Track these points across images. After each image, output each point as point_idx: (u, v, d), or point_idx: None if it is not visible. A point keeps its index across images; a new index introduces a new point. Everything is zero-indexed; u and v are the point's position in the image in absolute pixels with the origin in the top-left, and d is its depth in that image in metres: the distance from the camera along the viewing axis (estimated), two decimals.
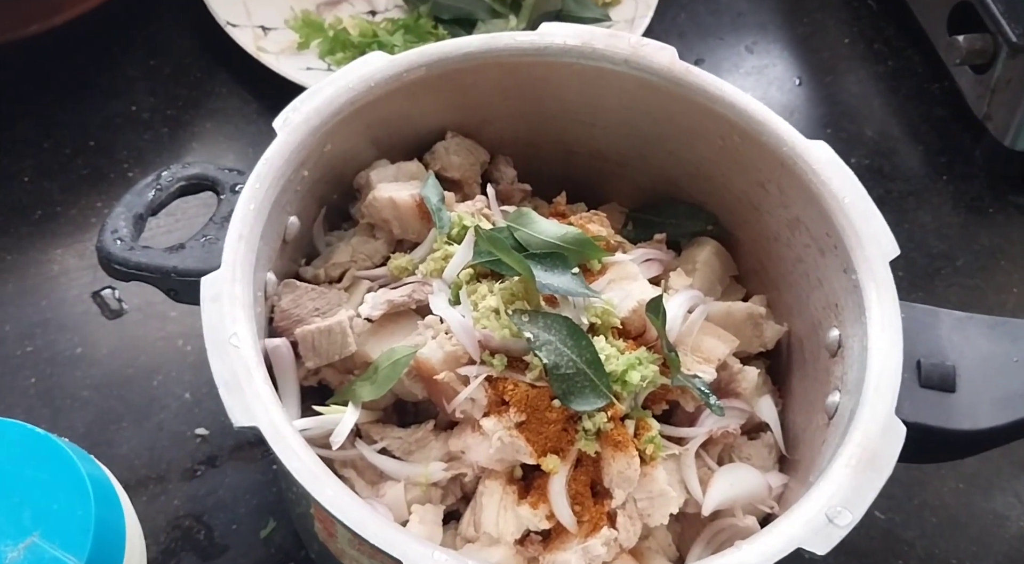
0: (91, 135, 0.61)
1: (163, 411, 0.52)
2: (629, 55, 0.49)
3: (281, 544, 0.48)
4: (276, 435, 0.36)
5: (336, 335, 0.44)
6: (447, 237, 0.47)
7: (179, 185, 0.46)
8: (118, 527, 0.30)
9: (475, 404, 0.42)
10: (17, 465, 0.29)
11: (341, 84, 0.46)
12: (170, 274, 0.42)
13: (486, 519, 0.41)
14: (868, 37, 0.75)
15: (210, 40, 0.66)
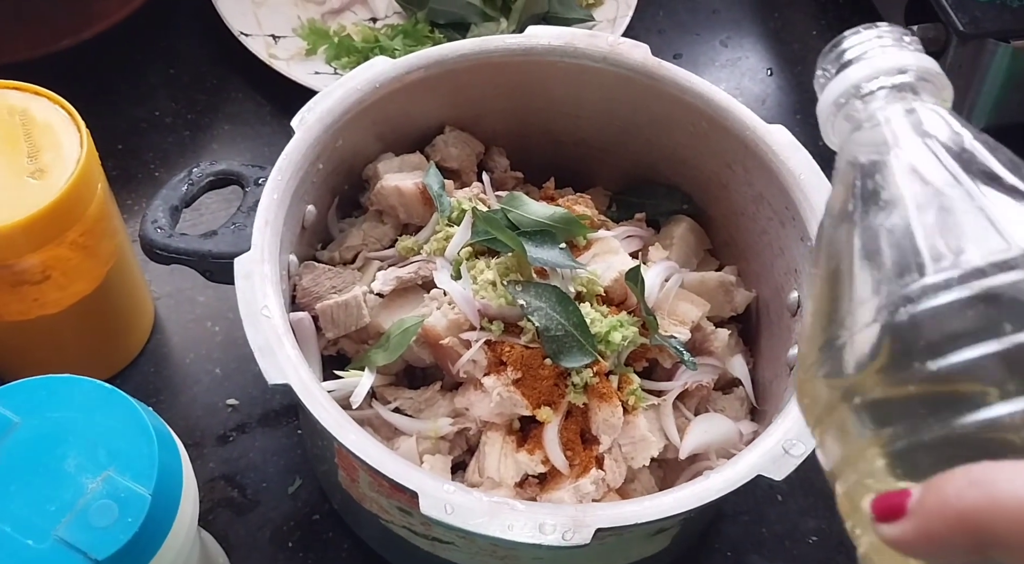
0: (119, 139, 0.67)
1: (196, 385, 0.57)
2: (607, 53, 0.54)
3: (307, 498, 0.54)
4: (305, 390, 0.41)
5: (352, 308, 0.49)
6: (448, 220, 0.52)
7: (208, 180, 0.51)
8: (176, 467, 0.35)
9: (476, 365, 0.47)
10: (90, 413, 0.35)
11: (350, 86, 0.52)
12: (206, 257, 0.47)
13: (489, 465, 0.47)
14: (835, 29, 0.80)
15: (225, 49, 0.71)
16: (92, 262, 0.51)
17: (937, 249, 0.24)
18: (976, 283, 0.22)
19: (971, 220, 0.24)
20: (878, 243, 0.25)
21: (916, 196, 0.25)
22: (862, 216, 0.26)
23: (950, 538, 0.20)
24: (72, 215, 0.47)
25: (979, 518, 0.20)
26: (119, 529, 0.32)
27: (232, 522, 0.53)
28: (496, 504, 0.39)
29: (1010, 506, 0.19)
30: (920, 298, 0.23)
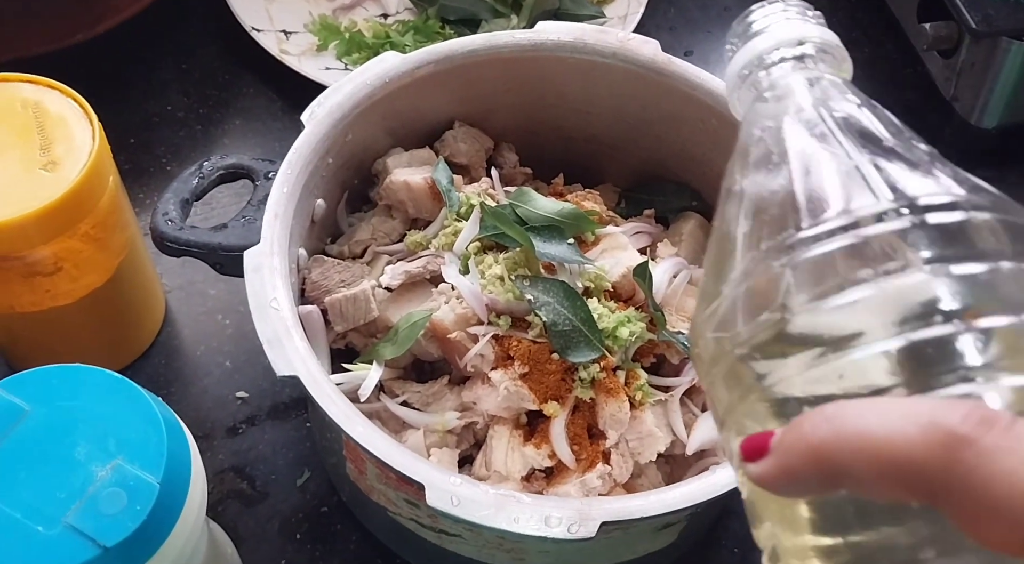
0: (131, 134, 0.67)
1: (207, 377, 0.58)
2: (617, 49, 0.55)
3: (315, 491, 0.54)
4: (313, 382, 0.42)
5: (360, 302, 0.50)
6: (456, 215, 0.52)
7: (219, 173, 0.52)
8: (185, 457, 0.36)
9: (484, 359, 0.47)
10: (100, 403, 0.35)
11: (359, 81, 0.52)
12: (216, 250, 0.48)
13: (496, 459, 0.47)
14: (846, 26, 0.80)
15: (236, 45, 0.72)
16: (104, 254, 0.51)
17: (813, 205, 0.25)
18: (848, 234, 0.24)
19: (847, 179, 0.25)
20: (761, 203, 0.26)
21: (800, 158, 0.26)
22: (752, 180, 0.27)
23: (804, 472, 0.21)
24: (84, 207, 0.47)
25: (827, 451, 0.20)
26: (128, 516, 0.33)
27: (241, 514, 0.53)
28: (502, 497, 0.39)
29: (854, 439, 0.20)
30: (795, 250, 0.24)
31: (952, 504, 0.19)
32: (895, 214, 0.24)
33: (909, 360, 0.22)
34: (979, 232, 0.24)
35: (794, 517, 0.23)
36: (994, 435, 0.19)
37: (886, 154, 0.26)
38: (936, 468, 0.19)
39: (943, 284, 0.23)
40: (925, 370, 0.22)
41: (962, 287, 0.23)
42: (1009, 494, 0.19)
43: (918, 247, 0.23)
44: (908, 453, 0.20)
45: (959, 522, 0.20)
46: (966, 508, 0.19)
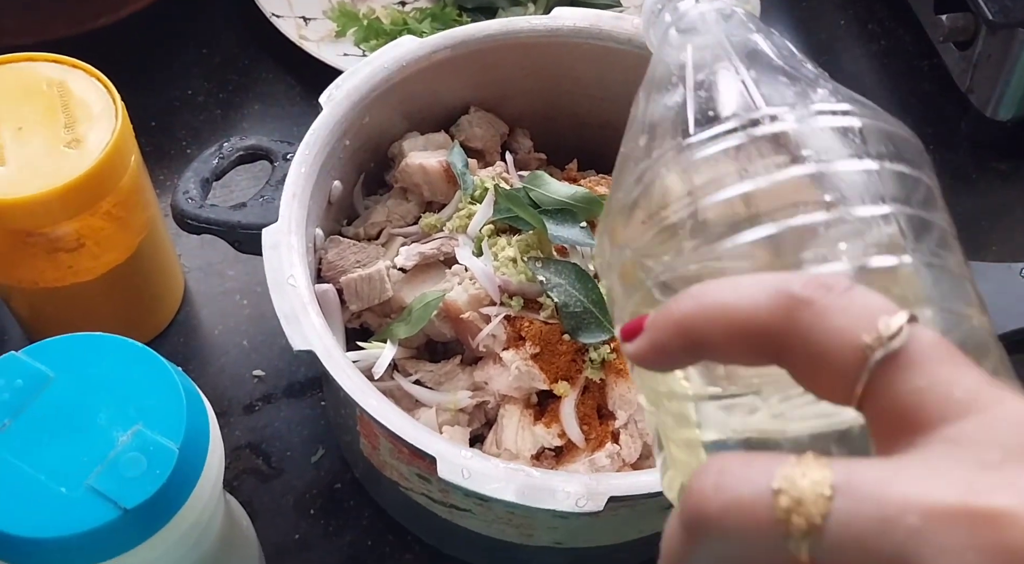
0: (152, 117, 0.68)
1: (224, 356, 0.59)
2: (633, 35, 0.55)
3: (329, 467, 0.55)
4: (329, 357, 0.42)
5: (375, 281, 0.50)
6: (471, 198, 0.53)
7: (238, 154, 0.53)
8: (204, 424, 0.37)
9: (496, 340, 0.48)
10: (121, 370, 0.36)
11: (377, 64, 0.53)
12: (235, 228, 0.49)
13: (506, 438, 0.48)
14: (862, 19, 0.80)
15: (256, 30, 0.73)
16: (125, 232, 0.52)
17: (701, 116, 0.27)
18: (731, 136, 0.26)
19: (736, 92, 0.28)
20: (657, 119, 0.29)
21: (694, 77, 0.29)
22: (652, 103, 0.30)
23: (670, 345, 0.23)
24: (106, 185, 0.48)
25: (689, 323, 0.22)
26: (148, 480, 0.33)
27: (256, 489, 0.54)
28: (512, 470, 0.40)
29: (711, 309, 0.22)
30: (682, 153, 0.27)
31: (792, 361, 0.21)
32: (771, 120, 0.26)
33: (780, 244, 0.24)
34: (848, 135, 0.26)
35: (679, 411, 0.25)
36: (831, 297, 0.21)
37: (774, 72, 0.28)
38: (778, 328, 0.21)
39: (813, 178, 0.25)
40: (793, 253, 0.24)
41: (829, 182, 0.25)
42: (839, 348, 0.20)
43: (792, 148, 0.25)
44: (755, 316, 0.21)
45: (798, 377, 0.21)
46: (802, 363, 0.21)
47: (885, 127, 0.27)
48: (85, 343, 0.37)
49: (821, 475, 0.19)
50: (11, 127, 0.48)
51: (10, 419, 0.34)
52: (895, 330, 0.20)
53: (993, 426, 0.19)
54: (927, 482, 0.18)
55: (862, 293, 0.21)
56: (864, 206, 0.25)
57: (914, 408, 0.20)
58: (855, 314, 0.20)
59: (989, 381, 0.20)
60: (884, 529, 0.18)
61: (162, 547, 0.35)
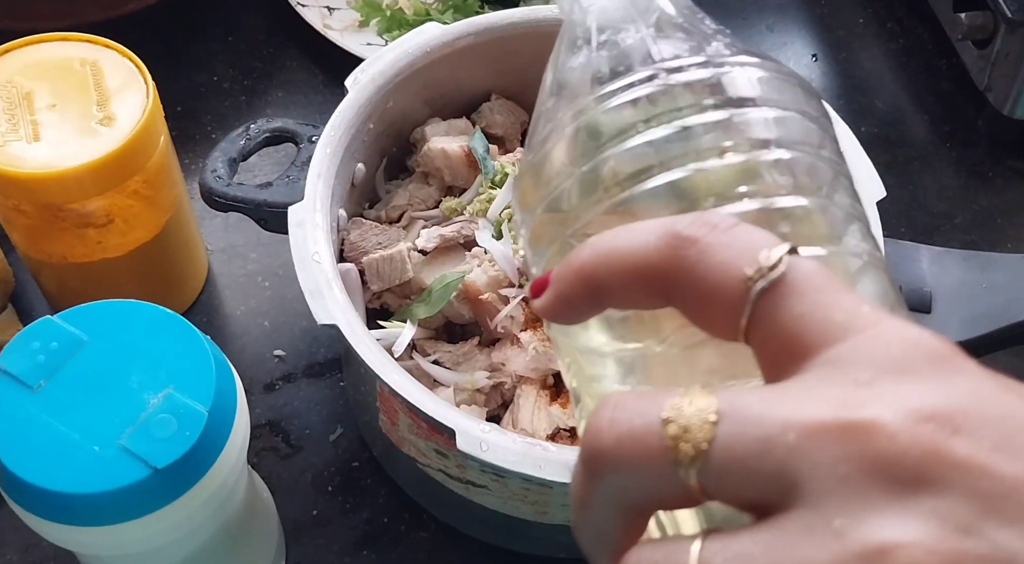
0: (179, 102, 0.69)
1: (246, 336, 0.60)
2: None
3: (347, 446, 0.56)
4: (352, 332, 0.43)
5: (396, 262, 0.51)
6: (491, 183, 0.54)
7: (265, 136, 0.54)
8: (231, 390, 0.37)
9: (514, 321, 0.49)
10: (153, 336, 0.37)
11: (401, 50, 0.54)
12: (262, 206, 0.50)
13: (522, 417, 0.48)
14: (881, 17, 0.81)
15: (281, 19, 0.74)
16: (153, 211, 0.53)
17: (605, 72, 0.28)
18: (631, 89, 0.27)
19: (636, 49, 0.29)
20: (565, 80, 0.30)
21: (599, 38, 0.30)
22: (561, 63, 0.31)
23: (573, 295, 0.23)
24: (136, 162, 0.50)
25: (588, 271, 0.23)
26: (178, 441, 0.34)
27: (276, 466, 0.55)
28: (529, 445, 0.41)
29: (606, 256, 0.22)
30: (588, 109, 0.28)
31: (681, 299, 0.22)
32: (667, 72, 0.27)
33: (683, 190, 0.25)
34: (741, 83, 0.27)
35: (590, 365, 0.26)
36: (715, 234, 0.21)
37: (674, 29, 0.29)
38: (665, 267, 0.21)
39: (710, 126, 0.26)
40: (695, 198, 0.25)
41: (725, 129, 0.26)
42: (723, 282, 0.21)
43: (690, 97, 0.26)
44: (644, 258, 0.22)
45: (689, 316, 0.22)
46: (691, 300, 0.21)
47: (778, 77, 0.28)
48: (118, 309, 0.38)
49: (706, 403, 0.19)
50: (45, 104, 0.49)
51: (45, 380, 0.35)
52: (775, 261, 0.20)
53: (868, 346, 0.20)
54: (805, 402, 0.19)
55: (745, 229, 0.21)
56: (759, 151, 0.26)
57: (796, 335, 0.20)
58: (738, 249, 0.21)
59: (868, 303, 0.20)
60: (765, 449, 0.19)
61: (189, 508, 0.36)
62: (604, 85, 0.28)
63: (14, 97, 0.49)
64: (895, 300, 0.25)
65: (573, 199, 0.27)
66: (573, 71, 0.30)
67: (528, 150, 0.30)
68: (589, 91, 0.28)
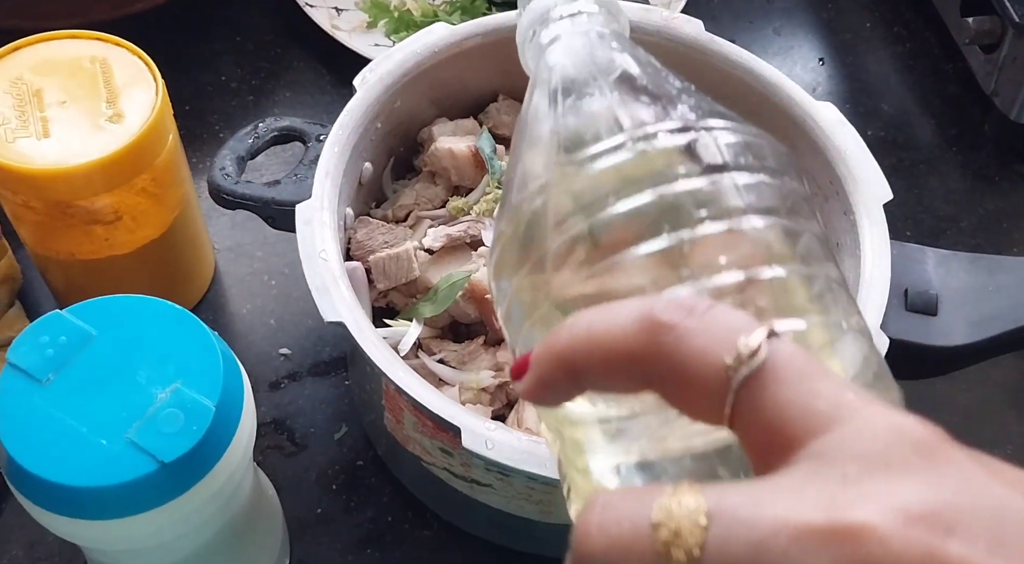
0: (186, 101, 0.70)
1: (252, 333, 0.60)
2: (661, 26, 0.56)
3: (352, 445, 0.56)
4: (358, 329, 0.43)
5: (403, 261, 0.51)
6: (497, 183, 0.54)
7: (273, 134, 0.54)
8: (238, 386, 0.38)
9: None
10: (161, 331, 0.37)
11: (409, 50, 0.54)
12: (269, 203, 0.50)
13: (527, 417, 0.48)
14: (888, 21, 0.81)
15: (289, 19, 0.74)
16: (160, 209, 0.53)
17: (573, 137, 0.29)
18: (602, 158, 0.27)
19: (604, 115, 0.29)
20: (533, 144, 0.30)
21: (566, 102, 0.30)
22: (529, 128, 0.31)
23: (554, 379, 0.23)
24: (145, 160, 0.50)
25: (567, 356, 0.22)
26: (185, 436, 0.34)
27: (281, 464, 0.55)
28: (535, 442, 0.41)
29: (584, 340, 0.22)
30: (563, 176, 0.28)
31: (662, 386, 0.21)
32: (637, 140, 0.27)
33: (664, 259, 0.25)
34: (711, 149, 0.27)
35: (575, 438, 0.26)
36: (691, 320, 0.21)
37: (637, 92, 0.30)
38: (644, 354, 0.21)
39: (685, 195, 0.26)
40: (670, 268, 0.25)
41: (700, 197, 0.26)
42: (704, 370, 0.21)
43: (659, 168, 0.26)
44: (623, 344, 0.21)
45: (671, 401, 0.22)
46: (672, 387, 0.21)
47: (746, 138, 0.28)
48: (127, 304, 0.38)
49: (696, 503, 0.19)
50: (55, 101, 0.49)
51: (54, 373, 0.36)
52: (754, 348, 0.20)
53: (853, 437, 0.19)
54: (794, 501, 0.19)
55: (722, 312, 0.21)
56: (735, 218, 0.25)
57: (780, 424, 0.20)
58: (716, 335, 0.21)
59: (852, 389, 0.20)
60: (757, 553, 0.18)
61: (196, 503, 0.36)
62: (574, 152, 0.28)
63: (24, 94, 0.49)
64: (877, 367, 0.25)
65: (546, 267, 0.27)
66: (542, 134, 0.30)
67: (499, 219, 0.29)
68: (561, 157, 0.28)
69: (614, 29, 0.33)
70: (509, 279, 0.28)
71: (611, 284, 0.25)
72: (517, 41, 0.35)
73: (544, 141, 0.30)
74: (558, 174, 0.28)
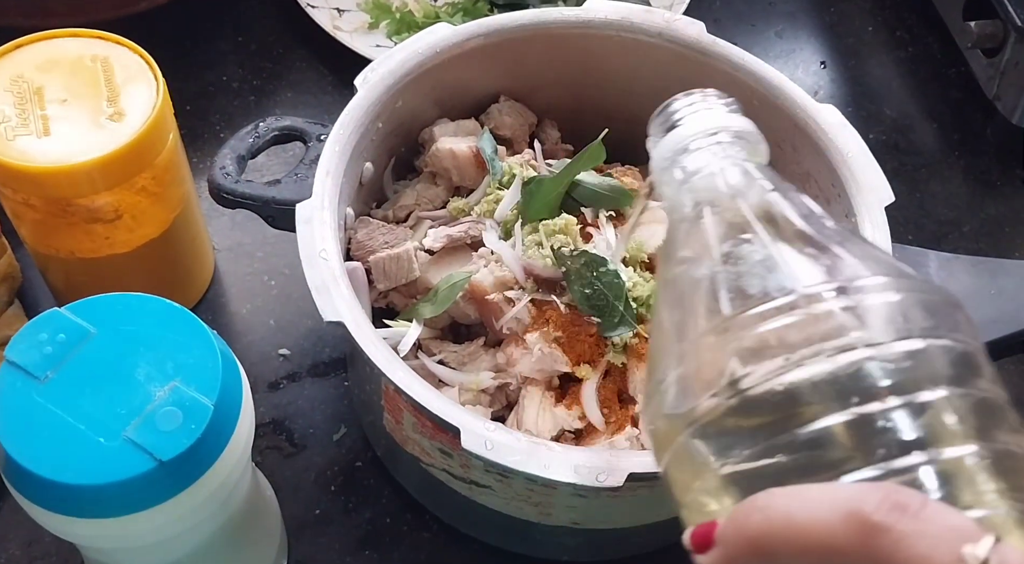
0: (188, 101, 0.70)
1: (251, 334, 0.60)
2: (663, 28, 0.56)
3: (351, 446, 0.56)
4: (358, 329, 0.43)
5: (403, 261, 0.51)
6: (499, 183, 0.54)
7: (273, 134, 0.54)
8: (237, 385, 0.37)
9: (520, 322, 0.49)
10: (160, 329, 0.37)
11: (411, 49, 0.54)
12: (270, 202, 0.50)
13: (527, 418, 0.48)
14: (891, 25, 0.81)
15: (291, 20, 0.74)
16: (160, 207, 0.53)
17: (735, 292, 0.27)
18: (774, 319, 0.26)
19: (765, 267, 0.27)
20: (686, 289, 0.28)
21: (722, 248, 0.29)
22: (679, 270, 0.29)
23: (750, 558, 0.22)
24: (145, 158, 0.50)
25: (761, 542, 0.22)
26: (183, 434, 0.34)
27: (279, 464, 0.55)
28: (534, 444, 0.40)
29: (782, 529, 0.22)
30: (729, 333, 0.26)
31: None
32: (809, 300, 0.26)
33: (849, 434, 0.24)
34: (891, 312, 0.26)
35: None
36: (906, 521, 0.21)
37: (798, 240, 0.28)
38: (855, 554, 0.21)
39: (877, 363, 0.24)
40: (865, 445, 0.24)
41: (893, 365, 0.24)
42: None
43: (836, 330, 0.25)
44: (830, 542, 0.21)
45: None
46: None
47: (924, 297, 0.27)
48: (126, 302, 0.38)
49: None
50: (56, 99, 0.49)
51: (52, 371, 0.35)
52: (982, 559, 0.20)
53: None
54: None
55: (939, 514, 0.21)
56: (921, 391, 0.24)
57: None
58: (936, 540, 0.20)
59: None
60: None
61: (193, 502, 0.36)
62: (736, 308, 0.26)
63: (25, 92, 0.49)
64: None
65: (724, 425, 0.25)
66: (695, 285, 0.28)
67: (659, 363, 0.28)
68: (717, 313, 0.27)
69: (758, 162, 0.32)
70: (668, 435, 0.27)
71: (792, 459, 0.24)
72: (653, 172, 0.33)
73: (694, 290, 0.28)
74: (717, 333, 0.26)
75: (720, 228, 0.29)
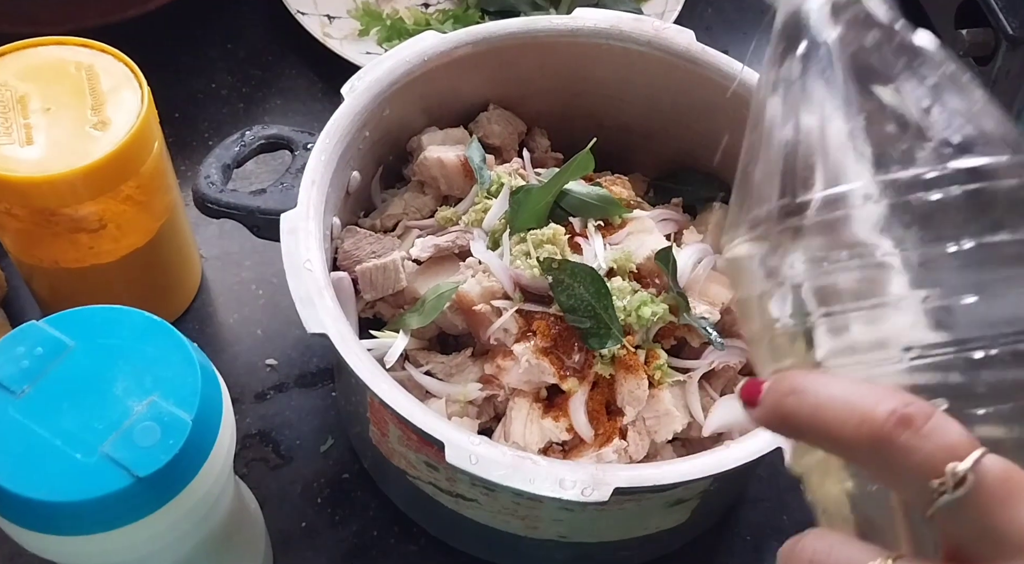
0: (176, 108, 0.69)
1: (239, 344, 0.59)
2: (652, 37, 0.56)
3: (338, 458, 0.55)
4: (342, 341, 0.43)
5: (390, 271, 0.51)
6: (487, 193, 0.53)
7: (259, 143, 0.53)
8: (217, 399, 0.37)
9: (507, 333, 0.48)
10: (139, 342, 0.36)
11: (399, 58, 0.53)
12: (255, 212, 0.49)
13: (515, 430, 0.48)
14: None
15: (281, 27, 0.74)
16: (146, 217, 0.53)
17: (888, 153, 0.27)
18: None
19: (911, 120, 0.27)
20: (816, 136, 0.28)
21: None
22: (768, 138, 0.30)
23: (780, 428, 0.27)
24: (130, 167, 0.49)
25: (792, 422, 0.26)
26: (161, 450, 0.34)
27: (265, 476, 0.54)
28: (519, 458, 0.40)
29: (808, 415, 0.26)
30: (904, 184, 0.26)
31: (874, 475, 0.26)
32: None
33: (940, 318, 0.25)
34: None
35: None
36: (907, 435, 0.24)
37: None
38: (862, 451, 0.25)
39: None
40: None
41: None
42: (911, 484, 0.24)
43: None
44: (845, 440, 0.25)
45: (879, 482, 0.26)
46: (883, 480, 0.25)
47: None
48: (105, 315, 0.37)
49: None
50: (39, 108, 0.49)
51: (29, 385, 0.35)
52: (960, 477, 0.23)
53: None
54: None
55: (938, 430, 0.24)
56: None
57: (974, 543, 0.23)
58: (928, 455, 0.23)
59: None
60: None
61: (172, 518, 0.35)
62: (892, 171, 0.26)
63: (8, 100, 0.49)
64: None
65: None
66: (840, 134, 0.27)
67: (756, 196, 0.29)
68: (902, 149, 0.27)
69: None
70: (751, 280, 0.28)
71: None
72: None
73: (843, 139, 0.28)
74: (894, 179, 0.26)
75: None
